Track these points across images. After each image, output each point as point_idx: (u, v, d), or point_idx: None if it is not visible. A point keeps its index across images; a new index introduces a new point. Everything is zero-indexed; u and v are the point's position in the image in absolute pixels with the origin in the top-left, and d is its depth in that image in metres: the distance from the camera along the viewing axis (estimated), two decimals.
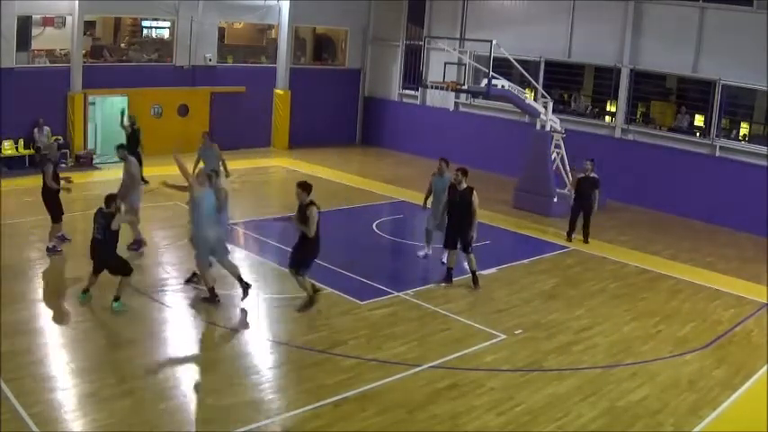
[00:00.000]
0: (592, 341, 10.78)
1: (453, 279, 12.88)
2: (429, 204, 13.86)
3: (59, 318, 10.39)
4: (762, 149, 18.09)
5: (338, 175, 21.50)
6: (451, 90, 19.52)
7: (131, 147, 16.32)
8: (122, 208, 11.73)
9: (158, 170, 16.48)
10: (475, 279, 12.70)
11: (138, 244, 13.42)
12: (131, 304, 11.01)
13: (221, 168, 15.25)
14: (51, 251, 13.03)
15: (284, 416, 8.14)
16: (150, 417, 7.86)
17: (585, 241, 15.87)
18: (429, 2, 25.39)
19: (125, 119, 18.83)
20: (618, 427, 8.34)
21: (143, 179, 15.26)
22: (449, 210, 12.75)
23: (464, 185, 12.48)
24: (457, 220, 12.51)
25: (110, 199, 10.60)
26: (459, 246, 12.57)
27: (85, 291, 10.83)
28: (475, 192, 12.41)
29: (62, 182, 13.20)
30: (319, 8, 25.51)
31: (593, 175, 15.62)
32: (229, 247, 14.38)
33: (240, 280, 11.22)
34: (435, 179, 13.64)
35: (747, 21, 18.04)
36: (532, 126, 19.87)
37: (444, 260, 13.19)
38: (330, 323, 10.81)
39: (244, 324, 10.76)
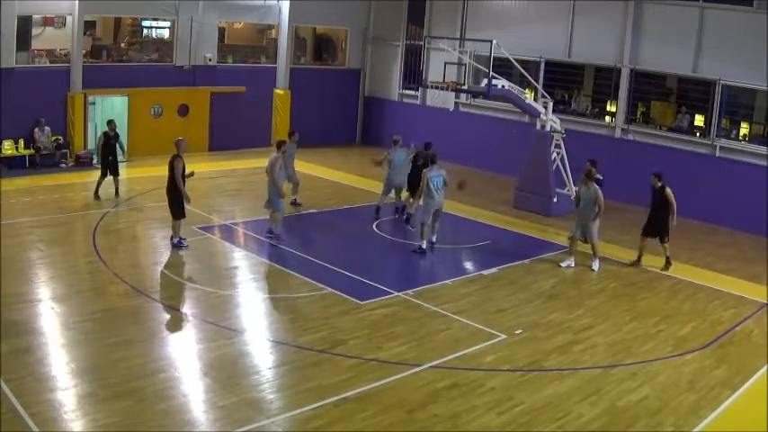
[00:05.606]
0: (592, 341, 10.78)
1: (452, 280, 13.02)
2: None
3: (59, 318, 10.38)
4: (762, 149, 18.07)
5: (338, 175, 21.49)
6: (451, 90, 19.45)
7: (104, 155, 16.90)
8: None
9: (157, 170, 16.46)
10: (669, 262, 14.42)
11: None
12: (131, 304, 11.03)
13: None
14: (177, 245, 13.70)
15: (284, 416, 8.14)
16: (150, 417, 7.86)
17: (585, 241, 15.83)
18: (429, 2, 25.35)
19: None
20: (618, 427, 8.34)
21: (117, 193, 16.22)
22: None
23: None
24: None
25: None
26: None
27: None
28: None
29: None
30: (319, 8, 25.48)
31: (597, 176, 15.46)
32: (229, 246, 14.49)
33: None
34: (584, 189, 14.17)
35: (747, 21, 18.01)
36: (532, 126, 19.86)
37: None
38: (330, 323, 10.80)
39: (241, 322, 10.78)
